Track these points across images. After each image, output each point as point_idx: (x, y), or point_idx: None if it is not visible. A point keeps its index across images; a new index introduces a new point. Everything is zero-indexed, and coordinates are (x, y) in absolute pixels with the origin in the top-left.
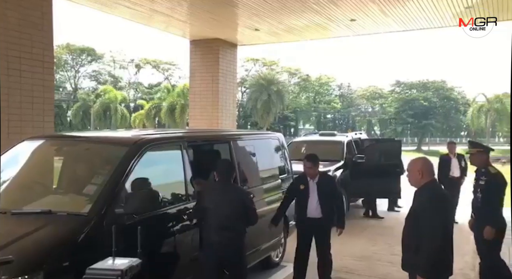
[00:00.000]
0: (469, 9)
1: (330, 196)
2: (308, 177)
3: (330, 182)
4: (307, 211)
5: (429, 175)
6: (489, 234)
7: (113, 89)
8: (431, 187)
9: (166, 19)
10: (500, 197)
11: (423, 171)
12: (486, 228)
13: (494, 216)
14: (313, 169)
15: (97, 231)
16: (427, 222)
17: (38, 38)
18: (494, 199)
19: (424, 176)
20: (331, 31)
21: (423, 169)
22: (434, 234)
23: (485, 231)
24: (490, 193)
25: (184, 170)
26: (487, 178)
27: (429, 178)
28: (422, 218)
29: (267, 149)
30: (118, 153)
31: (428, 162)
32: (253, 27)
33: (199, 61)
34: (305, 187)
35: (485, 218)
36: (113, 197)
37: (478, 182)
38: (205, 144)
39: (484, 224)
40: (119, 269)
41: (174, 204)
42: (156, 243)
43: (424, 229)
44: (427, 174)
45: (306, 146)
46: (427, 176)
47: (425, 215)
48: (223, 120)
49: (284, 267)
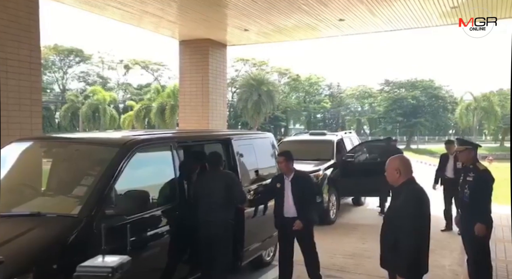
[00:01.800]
0: (455, 9)
1: (305, 195)
2: (284, 174)
3: (305, 180)
4: (284, 210)
5: (407, 173)
6: (481, 231)
7: (102, 90)
8: (409, 186)
9: (155, 20)
10: (488, 194)
11: (401, 170)
12: (477, 225)
13: (484, 213)
14: (284, 164)
15: (87, 233)
16: (405, 221)
17: (24, 39)
18: (483, 195)
19: (402, 174)
20: (320, 31)
21: (400, 167)
22: (411, 233)
23: (477, 228)
24: (479, 189)
25: (174, 170)
26: (475, 175)
27: (406, 177)
28: (399, 217)
29: (257, 149)
30: (107, 154)
31: (405, 160)
32: (243, 27)
33: (189, 61)
34: (281, 186)
35: (473, 215)
36: (103, 198)
37: (466, 179)
38: (195, 145)
39: (472, 221)
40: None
41: (164, 204)
42: (146, 244)
43: (402, 228)
44: (404, 172)
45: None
46: (405, 175)
47: (402, 214)
48: (213, 120)
49: (276, 266)
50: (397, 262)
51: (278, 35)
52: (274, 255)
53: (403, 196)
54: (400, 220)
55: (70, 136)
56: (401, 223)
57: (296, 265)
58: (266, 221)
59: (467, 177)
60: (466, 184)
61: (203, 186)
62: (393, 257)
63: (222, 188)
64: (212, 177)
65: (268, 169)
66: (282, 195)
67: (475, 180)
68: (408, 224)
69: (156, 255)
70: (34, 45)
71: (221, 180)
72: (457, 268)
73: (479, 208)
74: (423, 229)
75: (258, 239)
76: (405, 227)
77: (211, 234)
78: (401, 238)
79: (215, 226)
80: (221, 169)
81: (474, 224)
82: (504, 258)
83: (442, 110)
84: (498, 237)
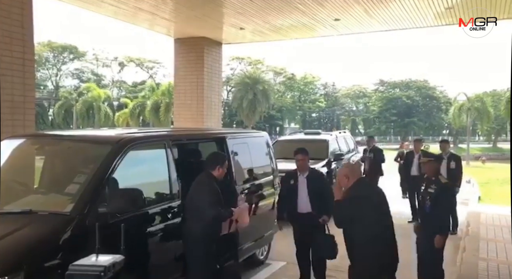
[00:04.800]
0: (449, 9)
1: (319, 191)
2: (299, 171)
3: (319, 178)
4: (297, 206)
5: (354, 177)
6: (440, 243)
7: (96, 87)
8: (353, 187)
9: (150, 17)
10: (449, 206)
11: (349, 175)
12: (437, 237)
13: (443, 224)
14: (304, 161)
15: (80, 231)
16: (343, 211)
17: (18, 35)
18: (444, 208)
19: (350, 179)
20: (316, 30)
21: (348, 173)
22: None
23: (436, 240)
24: (440, 202)
25: (168, 169)
26: (437, 187)
27: (353, 180)
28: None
29: (252, 148)
30: (101, 152)
31: (352, 166)
32: (238, 26)
33: (184, 59)
34: (294, 182)
35: (433, 227)
36: (96, 196)
37: (427, 190)
38: (190, 143)
39: (431, 231)
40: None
41: (158, 203)
42: (140, 242)
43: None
44: (352, 177)
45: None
46: (352, 179)
47: (347, 213)
48: (208, 118)
49: (269, 265)
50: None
51: (274, 34)
52: (267, 254)
53: (348, 197)
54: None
55: (63, 134)
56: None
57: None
58: (260, 220)
59: (429, 189)
60: (428, 195)
61: (189, 193)
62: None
63: (199, 199)
64: (196, 182)
65: (263, 168)
66: (295, 191)
67: (437, 192)
68: (350, 219)
69: (150, 253)
70: (27, 41)
71: (202, 186)
72: (450, 268)
73: (439, 220)
74: (364, 225)
75: (251, 238)
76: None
77: (187, 248)
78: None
79: (192, 240)
80: (211, 172)
81: (433, 235)
82: (495, 257)
83: (436, 110)
84: (489, 237)
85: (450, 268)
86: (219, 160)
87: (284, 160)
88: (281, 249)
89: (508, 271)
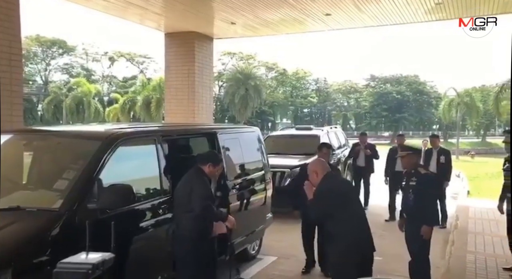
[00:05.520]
0: (439, 5)
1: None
2: None
3: (335, 170)
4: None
5: (322, 172)
6: (427, 233)
7: (86, 83)
8: (323, 181)
9: (140, 12)
10: (432, 195)
11: (317, 171)
12: (424, 228)
13: (429, 215)
14: (328, 156)
15: (69, 227)
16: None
17: (4, 29)
18: (427, 198)
19: (319, 174)
20: (307, 25)
21: (317, 169)
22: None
23: (423, 230)
24: (422, 192)
25: (159, 164)
26: (417, 179)
27: (322, 175)
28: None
29: (243, 143)
30: (90, 148)
31: (320, 162)
32: (229, 20)
33: (175, 54)
34: None
35: (418, 218)
36: (85, 192)
37: (409, 183)
38: (180, 138)
39: (417, 223)
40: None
41: (148, 198)
42: (130, 238)
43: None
44: (321, 172)
45: (283, 140)
46: (321, 174)
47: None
48: (199, 114)
49: (261, 259)
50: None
51: (265, 29)
52: (259, 249)
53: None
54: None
55: (51, 129)
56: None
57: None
58: (251, 215)
59: (410, 182)
60: (409, 189)
61: (178, 188)
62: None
63: (185, 191)
64: (184, 178)
65: (254, 163)
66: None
67: (418, 183)
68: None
69: (141, 249)
70: (14, 35)
71: (192, 179)
72: (439, 261)
73: (424, 211)
74: (331, 218)
75: (243, 233)
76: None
77: (175, 250)
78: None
79: (179, 241)
80: (202, 168)
81: (419, 227)
82: (483, 251)
83: (427, 105)
84: (478, 231)
85: (439, 261)
86: (212, 158)
87: (276, 156)
88: (272, 244)
89: (495, 264)
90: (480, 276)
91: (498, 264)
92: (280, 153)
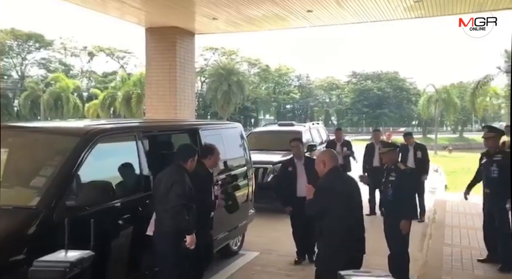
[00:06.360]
0: (418, 3)
1: (317, 176)
2: (296, 158)
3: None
4: (297, 190)
5: (329, 165)
6: (406, 227)
7: (65, 78)
8: (327, 176)
9: (120, 6)
10: (411, 190)
11: (326, 162)
12: (402, 222)
13: (408, 209)
14: (298, 149)
15: (46, 225)
16: (315, 203)
17: None
18: (406, 192)
19: (326, 166)
20: (289, 22)
21: (325, 159)
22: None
23: (402, 225)
24: (401, 187)
25: (139, 161)
26: (397, 174)
27: (329, 167)
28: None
29: (226, 140)
30: (68, 144)
31: (330, 153)
32: (211, 16)
33: (156, 49)
34: (293, 169)
35: (397, 212)
36: (63, 189)
37: (388, 178)
38: (161, 135)
39: (397, 218)
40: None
41: (128, 195)
42: (110, 235)
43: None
44: (328, 164)
45: (266, 136)
46: (328, 166)
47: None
48: (181, 110)
49: (243, 255)
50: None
51: (247, 25)
52: (241, 244)
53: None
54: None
55: (28, 125)
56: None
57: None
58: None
59: (390, 177)
60: (389, 184)
61: (157, 186)
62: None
63: (163, 188)
64: (164, 175)
65: (237, 159)
66: (295, 177)
67: (398, 179)
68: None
69: (121, 246)
70: None
71: (170, 179)
72: (417, 254)
73: (402, 205)
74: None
75: (225, 229)
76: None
77: (157, 246)
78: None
79: (161, 237)
80: (182, 164)
81: (398, 221)
82: (459, 243)
83: (406, 101)
84: (454, 224)
85: (417, 254)
86: (192, 152)
87: (259, 152)
88: (254, 240)
89: (470, 256)
90: (456, 267)
91: (473, 256)
92: (262, 149)
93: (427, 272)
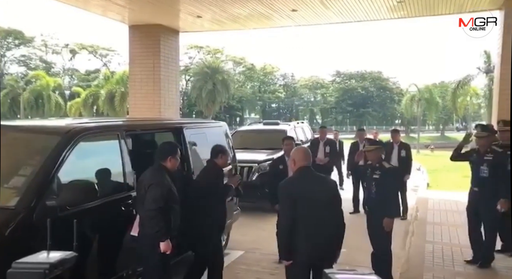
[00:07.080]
0: (401, 3)
1: None
2: (286, 156)
3: None
4: None
5: (297, 164)
6: (389, 225)
7: (46, 75)
8: (293, 174)
9: (103, 3)
10: (394, 188)
11: (295, 160)
12: (385, 220)
13: (391, 207)
14: (291, 147)
15: (26, 225)
16: (282, 217)
17: None
18: (389, 191)
19: (296, 164)
20: (273, 20)
21: (295, 157)
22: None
23: (385, 222)
24: (385, 185)
25: (122, 160)
26: (381, 173)
27: (299, 165)
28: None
29: (210, 139)
30: (49, 143)
31: (300, 151)
32: (195, 14)
33: (139, 47)
34: (284, 167)
35: (381, 210)
36: (43, 188)
37: (372, 176)
38: (145, 134)
39: (380, 216)
40: (48, 262)
41: (111, 195)
42: (92, 235)
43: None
44: (297, 162)
45: (251, 135)
46: (297, 165)
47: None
48: (165, 108)
49: (228, 254)
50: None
51: (232, 24)
52: (226, 243)
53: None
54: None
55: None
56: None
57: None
58: None
59: (374, 175)
60: (373, 182)
61: (139, 187)
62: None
63: (143, 189)
64: (145, 176)
65: None
66: (285, 175)
67: (382, 177)
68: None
69: (104, 246)
70: None
71: (146, 181)
72: (399, 251)
73: (386, 203)
74: (289, 212)
75: None
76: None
77: (138, 250)
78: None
79: (142, 240)
80: (163, 164)
81: (381, 219)
82: (440, 240)
83: (389, 100)
84: (436, 221)
85: (400, 251)
86: (171, 150)
87: (244, 151)
88: (239, 239)
89: (451, 252)
90: (437, 264)
91: (453, 252)
92: (247, 148)
93: (409, 269)
